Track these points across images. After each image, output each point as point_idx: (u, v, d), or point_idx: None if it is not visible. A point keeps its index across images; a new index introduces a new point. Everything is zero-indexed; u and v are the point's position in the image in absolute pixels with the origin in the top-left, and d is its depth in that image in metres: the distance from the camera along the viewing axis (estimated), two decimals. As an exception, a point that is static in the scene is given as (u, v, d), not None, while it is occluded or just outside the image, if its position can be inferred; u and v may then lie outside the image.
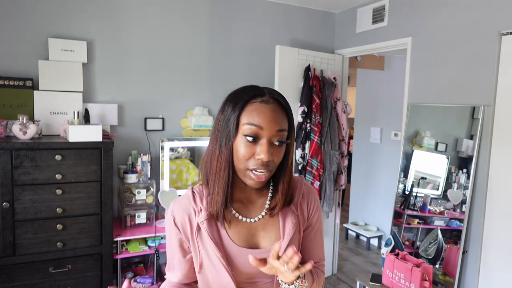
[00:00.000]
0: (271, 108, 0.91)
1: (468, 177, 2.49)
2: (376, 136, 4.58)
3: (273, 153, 0.90)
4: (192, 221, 0.98)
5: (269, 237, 0.98)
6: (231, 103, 0.94)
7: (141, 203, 2.69)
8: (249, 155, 0.89)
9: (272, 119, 0.89)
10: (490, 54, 2.36)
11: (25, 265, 2.22)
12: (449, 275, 2.54)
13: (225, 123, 0.93)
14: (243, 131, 0.90)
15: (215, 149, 0.95)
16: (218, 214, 0.94)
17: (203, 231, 0.96)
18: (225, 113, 0.94)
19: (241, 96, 0.95)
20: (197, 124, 3.04)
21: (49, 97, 2.56)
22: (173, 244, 1.03)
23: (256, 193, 1.01)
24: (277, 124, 0.90)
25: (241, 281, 0.97)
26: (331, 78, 3.30)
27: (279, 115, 0.91)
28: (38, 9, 2.59)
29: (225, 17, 3.20)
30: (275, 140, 0.90)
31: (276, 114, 0.91)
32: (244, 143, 0.89)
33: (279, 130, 0.90)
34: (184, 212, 0.99)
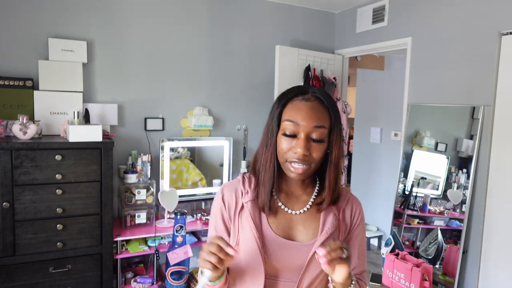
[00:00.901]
0: (310, 106, 0.96)
1: (468, 177, 2.49)
2: (376, 136, 4.58)
3: (312, 149, 0.95)
4: (238, 200, 1.05)
5: (306, 232, 1.01)
6: (277, 102, 1.01)
7: (141, 203, 2.69)
8: (288, 149, 0.96)
9: (310, 116, 0.95)
10: (490, 54, 2.36)
11: (25, 265, 2.22)
12: (449, 275, 2.54)
13: (270, 120, 1.01)
14: (283, 127, 0.97)
15: (263, 144, 1.02)
16: (264, 204, 1.01)
17: (246, 211, 1.02)
18: (272, 110, 1.02)
19: (286, 94, 1.01)
20: (197, 124, 3.04)
21: (49, 97, 2.56)
22: (218, 221, 1.08)
23: (301, 188, 1.05)
24: (314, 121, 0.94)
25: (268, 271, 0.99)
26: (331, 78, 3.30)
27: (318, 112, 0.96)
28: (38, 9, 2.59)
29: (225, 17, 3.20)
30: (313, 136, 0.95)
31: (315, 111, 0.95)
32: (284, 138, 0.96)
33: (317, 127, 0.94)
34: (233, 191, 1.06)
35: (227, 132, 3.30)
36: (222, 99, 3.26)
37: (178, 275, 2.62)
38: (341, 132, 0.99)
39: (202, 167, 3.16)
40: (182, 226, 2.58)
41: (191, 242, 2.73)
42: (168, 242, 2.70)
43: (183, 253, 2.57)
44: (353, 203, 1.07)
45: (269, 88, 3.33)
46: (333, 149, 0.98)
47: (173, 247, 2.57)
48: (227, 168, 3.17)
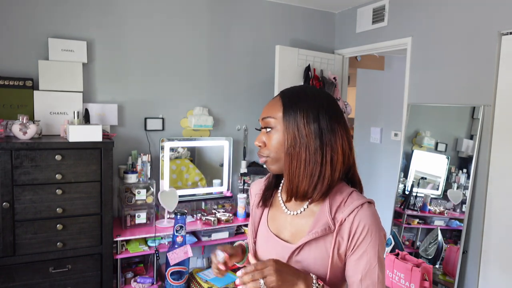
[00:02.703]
0: (270, 101, 0.99)
1: (468, 177, 2.49)
2: (376, 136, 4.57)
3: (266, 140, 0.97)
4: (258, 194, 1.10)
5: (295, 233, 0.98)
6: None
7: (141, 203, 2.69)
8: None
9: (264, 110, 0.98)
10: (490, 54, 2.36)
11: (25, 265, 2.22)
12: (449, 275, 2.54)
13: None
14: None
15: None
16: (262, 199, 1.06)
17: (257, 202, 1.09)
18: None
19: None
20: (197, 124, 3.04)
21: (49, 97, 2.56)
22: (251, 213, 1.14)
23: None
24: (264, 112, 0.98)
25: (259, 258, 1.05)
26: (331, 78, 3.30)
27: (270, 105, 0.97)
28: (38, 9, 2.59)
29: (225, 17, 3.20)
30: (263, 126, 0.98)
31: (268, 105, 0.98)
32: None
33: (264, 118, 0.97)
34: (258, 186, 1.13)
35: (227, 132, 3.30)
36: (222, 99, 3.26)
37: (178, 275, 2.62)
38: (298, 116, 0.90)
39: (202, 167, 3.16)
40: (182, 226, 2.58)
41: (191, 242, 2.73)
42: (168, 242, 2.70)
43: (183, 253, 2.57)
44: (357, 218, 0.90)
45: (269, 88, 3.33)
46: (285, 136, 0.92)
47: (173, 247, 2.57)
48: (227, 168, 3.17)
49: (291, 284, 0.86)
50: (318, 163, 0.90)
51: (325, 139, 0.90)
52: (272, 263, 0.85)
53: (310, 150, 0.90)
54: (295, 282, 0.86)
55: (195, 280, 2.74)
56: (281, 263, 0.88)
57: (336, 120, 0.92)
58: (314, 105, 0.92)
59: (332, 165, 0.91)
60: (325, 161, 0.90)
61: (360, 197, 0.94)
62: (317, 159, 0.90)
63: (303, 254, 0.94)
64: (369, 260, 0.90)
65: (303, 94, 0.94)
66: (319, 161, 0.90)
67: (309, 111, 0.91)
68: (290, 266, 0.91)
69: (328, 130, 0.90)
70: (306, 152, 0.90)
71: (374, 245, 0.90)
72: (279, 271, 0.85)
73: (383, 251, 0.92)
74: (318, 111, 0.91)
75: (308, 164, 0.90)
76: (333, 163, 0.91)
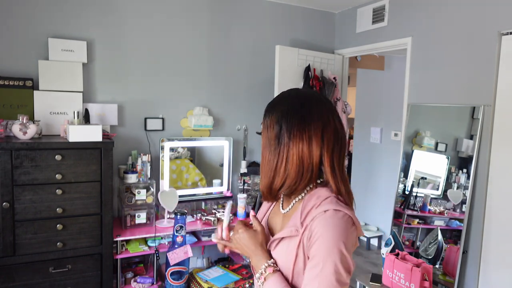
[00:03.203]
0: None
1: (468, 177, 2.49)
2: (376, 136, 4.58)
3: None
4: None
5: (278, 223, 1.07)
6: None
7: (141, 203, 2.69)
8: None
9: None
10: (490, 54, 2.36)
11: (25, 265, 2.22)
12: (449, 275, 2.54)
13: None
14: None
15: None
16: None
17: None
18: None
19: None
20: (197, 124, 3.04)
21: (49, 97, 2.56)
22: None
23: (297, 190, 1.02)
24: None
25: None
26: (331, 78, 3.30)
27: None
28: (38, 9, 2.59)
29: (225, 17, 3.20)
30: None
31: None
32: None
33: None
34: None
35: (227, 132, 3.30)
36: (222, 99, 3.26)
37: (178, 275, 2.62)
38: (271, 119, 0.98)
39: (202, 167, 3.16)
40: (182, 226, 2.58)
41: (191, 242, 2.73)
42: (168, 242, 2.70)
43: (183, 253, 2.57)
44: (315, 224, 0.90)
45: (269, 88, 3.33)
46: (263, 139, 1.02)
47: (173, 247, 2.57)
48: (227, 168, 3.17)
49: (246, 254, 1.03)
50: (273, 161, 0.97)
51: (283, 141, 0.95)
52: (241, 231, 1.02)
53: (271, 150, 0.98)
54: (249, 256, 1.02)
55: (195, 280, 2.74)
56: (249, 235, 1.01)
57: (299, 126, 0.94)
58: (280, 111, 0.97)
59: (285, 164, 0.95)
60: (280, 160, 0.96)
61: (330, 204, 0.91)
62: (274, 158, 0.97)
63: (276, 251, 1.00)
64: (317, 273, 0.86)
65: (278, 100, 1.02)
66: (276, 160, 0.96)
67: (275, 115, 0.98)
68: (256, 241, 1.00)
69: (287, 133, 0.95)
70: (269, 152, 0.98)
71: (324, 259, 0.86)
72: (238, 240, 1.03)
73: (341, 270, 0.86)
74: (281, 116, 0.96)
75: (268, 163, 0.99)
76: (287, 163, 0.95)
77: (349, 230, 0.90)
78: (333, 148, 0.96)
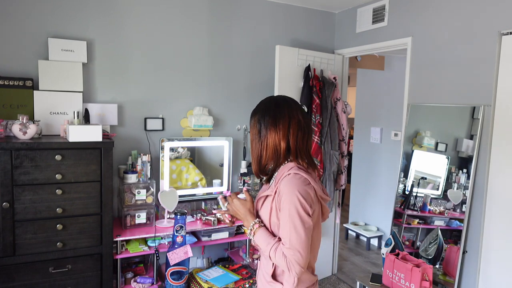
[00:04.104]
0: None
1: (468, 177, 2.49)
2: (376, 136, 4.58)
3: None
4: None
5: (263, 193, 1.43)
6: None
7: (141, 203, 2.69)
8: None
9: None
10: (490, 54, 2.36)
11: (25, 265, 2.22)
12: (449, 275, 2.54)
13: None
14: None
15: None
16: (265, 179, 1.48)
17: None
18: None
19: None
20: (197, 124, 3.04)
21: (49, 97, 2.56)
22: None
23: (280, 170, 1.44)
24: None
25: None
26: (331, 78, 3.30)
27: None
28: (38, 9, 2.59)
29: (225, 17, 3.20)
30: None
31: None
32: None
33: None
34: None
35: (227, 132, 3.30)
36: (222, 99, 3.26)
37: (178, 275, 2.62)
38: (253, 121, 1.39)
39: (202, 167, 3.16)
40: (182, 226, 2.58)
41: (191, 242, 2.73)
42: (168, 242, 2.70)
43: (183, 253, 2.57)
44: (281, 185, 1.30)
45: (269, 88, 3.33)
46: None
47: (173, 247, 2.57)
48: (227, 168, 3.17)
49: (240, 218, 1.43)
50: (258, 150, 1.37)
51: (262, 134, 1.36)
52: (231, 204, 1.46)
53: (255, 142, 1.38)
54: (242, 219, 1.42)
55: (195, 280, 2.74)
56: (240, 203, 1.43)
57: (274, 123, 1.33)
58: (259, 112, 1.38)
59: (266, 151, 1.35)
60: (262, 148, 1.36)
61: (292, 170, 1.31)
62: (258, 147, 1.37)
63: (261, 209, 1.40)
64: (285, 217, 1.26)
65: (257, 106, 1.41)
66: (259, 148, 1.37)
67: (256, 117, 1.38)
68: (245, 207, 1.42)
69: (265, 129, 1.35)
70: (253, 145, 1.39)
71: (288, 202, 1.26)
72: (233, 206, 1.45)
73: (299, 213, 1.25)
74: (261, 117, 1.36)
75: (253, 151, 1.39)
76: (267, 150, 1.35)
77: (304, 185, 1.28)
78: (297, 134, 1.34)
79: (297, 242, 1.23)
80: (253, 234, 1.37)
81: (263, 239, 1.33)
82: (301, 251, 1.23)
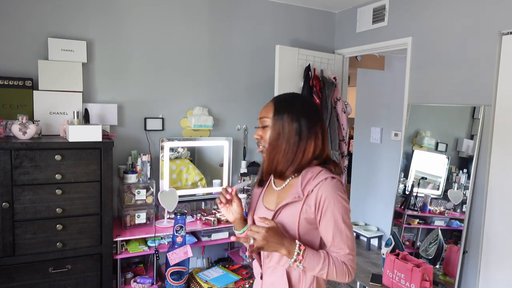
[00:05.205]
0: (266, 105, 1.29)
1: (468, 177, 2.49)
2: (376, 136, 4.57)
3: (263, 134, 1.26)
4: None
5: (276, 202, 1.28)
6: None
7: (141, 203, 2.69)
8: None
9: (261, 111, 1.29)
10: (490, 54, 2.36)
11: (25, 265, 2.22)
12: (449, 275, 2.54)
13: None
14: None
15: None
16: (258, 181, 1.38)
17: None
18: None
19: None
20: (197, 124, 3.04)
21: (49, 97, 2.56)
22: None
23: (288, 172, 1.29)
24: (261, 113, 1.28)
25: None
26: (331, 78, 3.29)
27: (266, 107, 1.28)
28: (38, 9, 2.58)
29: (225, 17, 3.20)
30: (260, 124, 1.28)
31: (264, 108, 1.28)
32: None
33: (260, 118, 1.27)
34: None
35: (227, 132, 3.29)
36: (222, 99, 3.26)
37: (178, 275, 2.62)
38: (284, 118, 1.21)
39: (202, 167, 3.16)
40: (182, 226, 2.58)
41: (191, 242, 2.73)
42: (168, 242, 2.70)
43: (183, 253, 2.57)
44: (320, 190, 1.17)
45: (269, 88, 3.33)
46: (271, 132, 1.23)
47: (173, 247, 2.57)
48: (227, 168, 3.16)
49: (275, 249, 1.15)
50: (294, 152, 1.22)
51: (303, 136, 1.21)
52: (263, 230, 1.13)
53: (290, 142, 1.21)
54: (278, 248, 1.14)
55: (195, 280, 2.74)
56: (272, 231, 1.15)
57: (314, 124, 1.23)
58: (297, 111, 1.23)
59: (304, 154, 1.23)
60: (299, 151, 1.22)
61: (325, 174, 1.20)
62: (294, 149, 1.22)
63: (280, 216, 1.23)
64: (335, 219, 1.16)
65: (291, 101, 1.26)
66: (295, 150, 1.22)
67: (293, 114, 1.22)
68: (280, 234, 1.16)
69: (306, 129, 1.22)
70: (287, 144, 1.21)
71: (337, 208, 1.16)
72: (266, 237, 1.13)
73: (348, 215, 1.18)
74: (300, 115, 1.22)
75: (286, 153, 1.22)
76: (305, 153, 1.23)
77: (343, 189, 1.21)
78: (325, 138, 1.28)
79: (353, 245, 1.18)
80: (301, 258, 1.14)
81: (315, 259, 1.15)
82: (355, 253, 1.19)
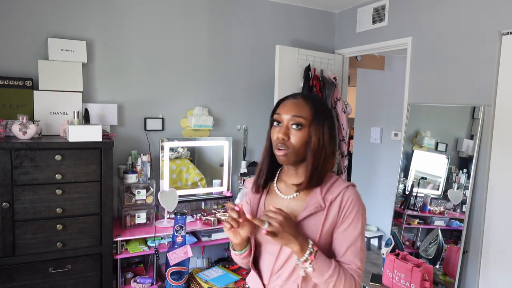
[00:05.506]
0: (294, 101, 1.15)
1: (468, 177, 2.49)
2: (376, 136, 4.57)
3: (291, 135, 1.12)
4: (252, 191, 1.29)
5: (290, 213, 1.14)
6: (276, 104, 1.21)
7: (141, 203, 2.69)
8: (275, 137, 1.15)
9: (291, 108, 1.13)
10: (490, 54, 2.36)
11: (25, 265, 2.22)
12: (449, 275, 2.54)
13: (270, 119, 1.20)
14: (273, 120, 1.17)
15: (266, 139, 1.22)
16: (259, 186, 1.23)
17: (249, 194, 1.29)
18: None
19: (282, 98, 1.21)
20: (197, 124, 3.04)
21: (49, 97, 2.56)
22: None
23: (296, 178, 1.19)
24: (293, 111, 1.13)
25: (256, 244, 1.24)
26: (331, 78, 3.29)
27: (298, 105, 1.14)
28: (38, 9, 2.58)
29: (225, 17, 3.20)
30: (291, 123, 1.12)
31: (296, 105, 1.14)
32: (273, 128, 1.17)
33: (294, 116, 1.12)
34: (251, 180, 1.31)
35: (227, 132, 3.29)
36: (222, 99, 3.26)
37: (178, 275, 2.62)
38: (324, 125, 1.14)
39: (202, 167, 3.16)
40: (182, 226, 2.58)
41: (191, 242, 2.73)
42: (168, 242, 2.70)
43: (183, 253, 2.57)
44: (345, 196, 1.13)
45: (269, 88, 3.33)
46: (313, 137, 1.12)
47: (173, 247, 2.57)
48: (227, 168, 3.16)
49: (288, 240, 1.05)
50: (331, 160, 1.18)
51: (335, 145, 1.19)
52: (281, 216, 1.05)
53: (327, 151, 1.15)
54: (291, 240, 1.05)
55: (195, 280, 2.74)
56: (290, 221, 1.07)
57: (335, 130, 1.21)
58: (332, 118, 1.19)
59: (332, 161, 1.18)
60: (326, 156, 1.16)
61: (344, 182, 1.17)
62: (332, 158, 1.18)
63: (300, 228, 1.13)
64: (355, 228, 1.12)
65: (325, 105, 1.22)
66: (332, 158, 1.17)
67: (330, 122, 1.17)
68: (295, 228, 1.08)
69: (334, 137, 1.18)
70: (326, 152, 1.15)
71: (359, 216, 1.13)
72: (282, 223, 1.04)
73: (365, 223, 1.15)
74: (333, 123, 1.18)
75: (326, 160, 1.15)
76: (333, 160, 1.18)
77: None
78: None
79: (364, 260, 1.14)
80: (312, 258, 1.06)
81: (326, 264, 1.08)
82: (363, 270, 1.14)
